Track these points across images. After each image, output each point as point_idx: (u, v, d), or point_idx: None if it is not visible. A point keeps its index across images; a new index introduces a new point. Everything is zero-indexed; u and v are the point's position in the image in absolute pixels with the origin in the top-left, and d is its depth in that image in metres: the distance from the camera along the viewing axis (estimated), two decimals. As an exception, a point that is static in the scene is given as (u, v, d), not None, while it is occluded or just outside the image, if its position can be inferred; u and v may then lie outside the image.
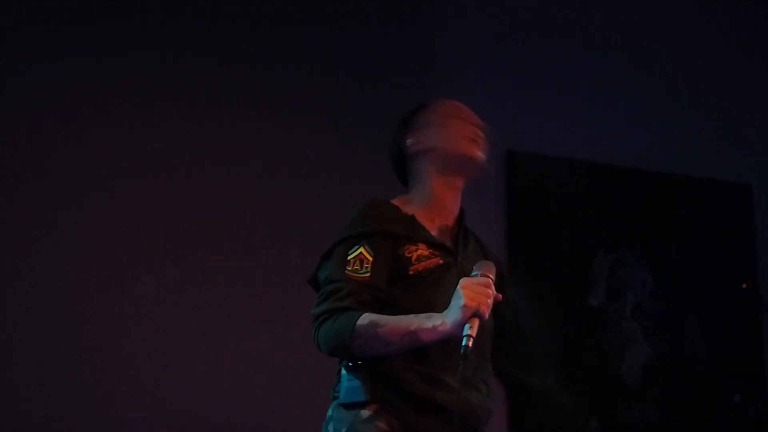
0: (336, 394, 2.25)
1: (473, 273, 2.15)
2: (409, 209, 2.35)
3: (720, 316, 4.52)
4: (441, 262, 2.29)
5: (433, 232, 2.35)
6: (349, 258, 2.23)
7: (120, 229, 3.53)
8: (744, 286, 4.43)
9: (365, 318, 2.14)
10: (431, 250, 2.29)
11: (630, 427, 4.26)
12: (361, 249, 2.24)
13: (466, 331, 2.05)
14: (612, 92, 4.48)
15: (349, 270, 2.22)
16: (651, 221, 4.48)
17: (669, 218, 4.52)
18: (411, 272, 2.25)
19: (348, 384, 2.20)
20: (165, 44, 3.71)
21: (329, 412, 2.25)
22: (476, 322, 2.06)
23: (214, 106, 3.73)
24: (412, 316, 2.15)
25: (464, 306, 2.06)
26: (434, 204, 2.39)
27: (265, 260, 3.69)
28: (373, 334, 2.13)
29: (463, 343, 2.04)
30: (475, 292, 2.08)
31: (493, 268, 2.17)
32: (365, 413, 2.17)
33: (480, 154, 2.37)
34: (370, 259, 2.23)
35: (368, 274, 2.21)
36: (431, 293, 2.23)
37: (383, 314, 2.16)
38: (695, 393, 4.41)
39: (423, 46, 4.10)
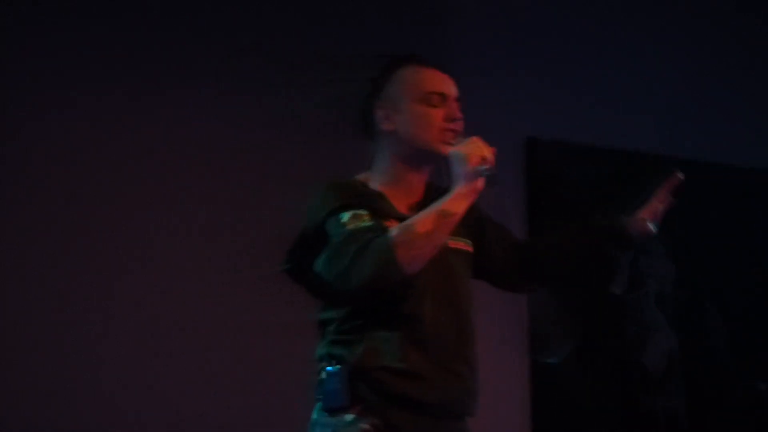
0: (318, 398, 2.23)
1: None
2: (373, 186, 2.32)
3: (743, 303, 4.50)
4: None
5: (401, 209, 2.29)
6: (343, 221, 2.16)
7: (116, 225, 3.52)
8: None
9: (393, 229, 2.12)
10: None
11: (653, 415, 4.24)
12: (351, 212, 2.18)
13: (483, 169, 2.15)
14: (633, 78, 4.45)
15: (351, 227, 2.15)
16: (673, 208, 4.44)
17: (691, 205, 4.48)
18: None
19: (328, 387, 2.19)
20: (163, 31, 3.70)
21: (314, 416, 2.24)
22: (487, 160, 2.17)
23: (217, 101, 3.70)
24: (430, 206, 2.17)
25: (464, 156, 2.16)
26: (399, 183, 2.33)
27: (265, 260, 3.66)
28: (411, 233, 2.10)
29: (486, 173, 2.16)
30: (466, 146, 2.18)
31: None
32: (348, 417, 2.17)
33: (450, 150, 2.24)
34: (365, 213, 2.18)
35: (372, 222, 2.16)
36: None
37: None
38: (718, 381, 4.40)
39: (441, 31, 4.08)
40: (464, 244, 2.36)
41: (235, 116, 3.72)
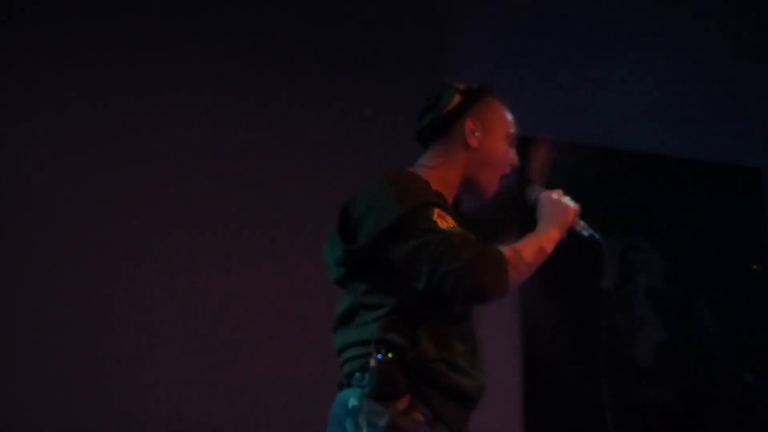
0: (362, 384, 2.18)
1: (532, 194, 2.45)
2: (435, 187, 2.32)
3: (731, 297, 4.53)
4: None
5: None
6: (433, 217, 2.14)
7: (116, 225, 3.53)
8: (754, 267, 4.45)
9: (507, 250, 2.20)
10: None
11: (643, 408, 4.28)
12: (437, 209, 2.17)
13: (584, 226, 2.40)
14: (623, 77, 4.48)
15: (444, 227, 2.13)
16: (663, 205, 4.49)
17: (680, 202, 4.52)
18: None
19: (382, 374, 2.15)
20: (164, 32, 3.72)
21: (353, 403, 2.17)
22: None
23: (219, 101, 3.71)
24: (528, 237, 2.29)
25: (568, 209, 2.39)
26: (448, 194, 2.37)
27: (267, 259, 3.69)
28: (520, 260, 2.20)
29: (596, 236, 2.41)
30: (560, 196, 2.43)
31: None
32: (401, 405, 2.15)
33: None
34: (448, 215, 2.19)
35: (461, 228, 2.17)
36: None
37: None
38: (707, 374, 4.44)
39: (439, 31, 4.10)
40: None
41: (235, 116, 3.73)
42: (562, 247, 4.13)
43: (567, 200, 2.40)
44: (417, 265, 2.12)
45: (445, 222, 2.14)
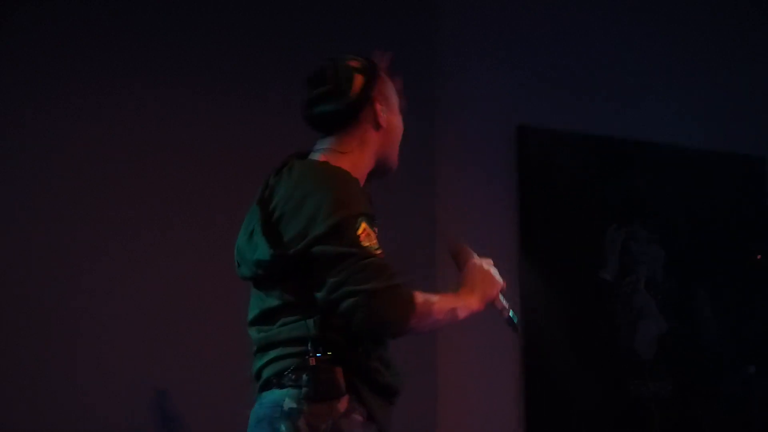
0: (300, 385, 2.08)
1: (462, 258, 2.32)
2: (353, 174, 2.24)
3: (733, 288, 4.51)
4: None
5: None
6: (358, 231, 2.09)
7: (116, 225, 3.48)
8: (759, 257, 4.43)
9: (419, 296, 2.11)
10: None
11: (643, 400, 4.26)
12: (365, 221, 2.11)
13: (505, 306, 2.34)
14: (623, 65, 4.46)
15: (368, 245, 2.09)
16: (663, 195, 4.46)
17: (681, 191, 4.50)
18: None
19: (320, 376, 2.07)
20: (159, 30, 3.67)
21: (290, 404, 2.09)
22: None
23: (211, 98, 3.67)
24: (447, 295, 2.20)
25: (495, 284, 2.29)
26: (361, 175, 2.29)
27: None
28: (428, 312, 2.11)
29: (512, 315, 2.35)
30: (489, 266, 2.31)
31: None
32: (342, 406, 2.09)
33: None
34: (374, 233, 2.14)
35: (381, 250, 2.12)
36: None
37: None
38: (708, 366, 4.41)
39: (434, 21, 4.07)
40: None
41: (231, 112, 3.70)
42: (562, 246, 4.15)
43: (495, 273, 2.30)
44: (324, 274, 2.07)
45: (368, 240, 2.08)
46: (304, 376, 2.08)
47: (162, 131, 3.59)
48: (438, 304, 2.14)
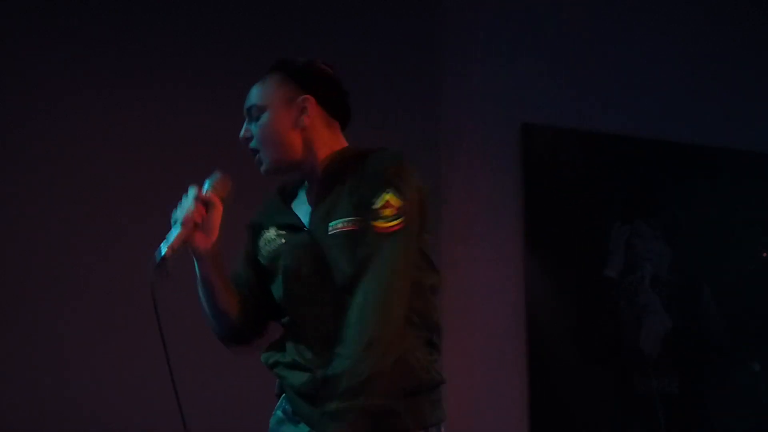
0: None
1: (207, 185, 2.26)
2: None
3: (738, 285, 4.51)
4: (283, 241, 2.20)
5: (310, 202, 2.25)
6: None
7: (116, 224, 3.48)
8: (765, 254, 4.43)
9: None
10: (278, 232, 2.24)
11: (648, 397, 4.26)
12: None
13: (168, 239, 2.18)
14: (627, 62, 4.46)
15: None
16: (668, 192, 4.46)
17: (686, 188, 4.50)
18: (260, 259, 2.26)
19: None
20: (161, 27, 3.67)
21: None
22: (180, 234, 2.20)
23: (211, 98, 3.64)
24: None
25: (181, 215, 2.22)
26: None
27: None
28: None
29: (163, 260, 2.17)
30: (182, 206, 2.24)
31: (222, 182, 2.29)
32: (280, 401, 2.24)
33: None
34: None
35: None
36: (273, 277, 2.22)
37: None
38: (714, 362, 4.41)
39: (438, 19, 4.06)
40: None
41: (235, 115, 3.69)
42: (567, 243, 4.15)
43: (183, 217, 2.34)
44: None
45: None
46: None
47: (162, 131, 3.59)
48: None
